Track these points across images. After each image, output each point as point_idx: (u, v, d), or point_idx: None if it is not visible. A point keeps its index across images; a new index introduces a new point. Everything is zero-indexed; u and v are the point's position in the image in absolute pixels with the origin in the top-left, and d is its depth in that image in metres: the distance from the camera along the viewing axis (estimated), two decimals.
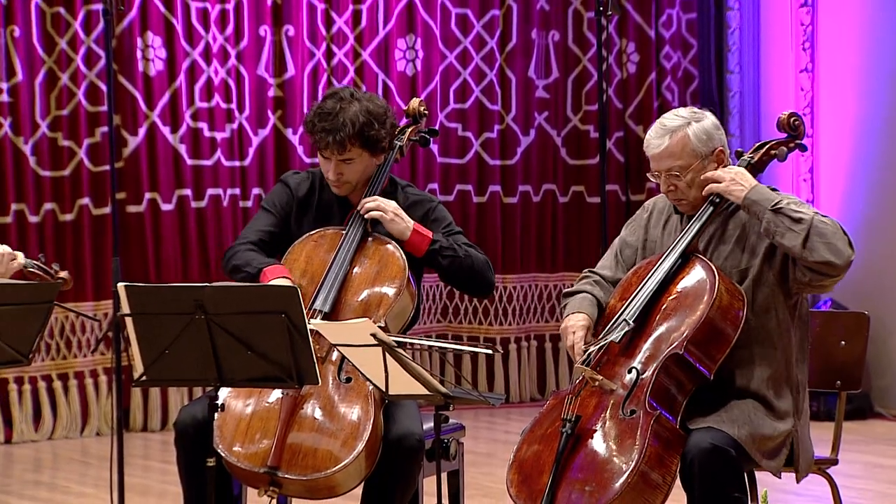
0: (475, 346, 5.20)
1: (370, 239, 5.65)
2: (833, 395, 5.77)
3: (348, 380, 5.42)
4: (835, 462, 5.53)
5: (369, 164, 5.69)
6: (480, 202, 9.83)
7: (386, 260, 5.63)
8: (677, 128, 5.21)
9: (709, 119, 5.27)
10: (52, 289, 5.48)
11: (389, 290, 5.58)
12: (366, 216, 5.62)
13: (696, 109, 5.31)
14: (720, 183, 5.14)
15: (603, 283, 5.42)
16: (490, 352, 5.27)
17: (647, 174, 5.31)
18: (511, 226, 9.91)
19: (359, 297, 5.58)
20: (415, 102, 5.95)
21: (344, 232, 5.66)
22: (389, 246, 5.63)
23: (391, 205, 5.63)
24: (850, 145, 9.65)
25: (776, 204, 5.04)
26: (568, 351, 5.27)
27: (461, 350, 5.51)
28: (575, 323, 5.27)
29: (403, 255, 5.60)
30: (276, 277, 5.56)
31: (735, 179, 5.12)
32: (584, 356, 5.14)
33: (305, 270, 5.64)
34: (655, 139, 5.22)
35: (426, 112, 5.94)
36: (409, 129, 5.86)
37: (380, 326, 5.05)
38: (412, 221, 5.63)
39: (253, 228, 5.83)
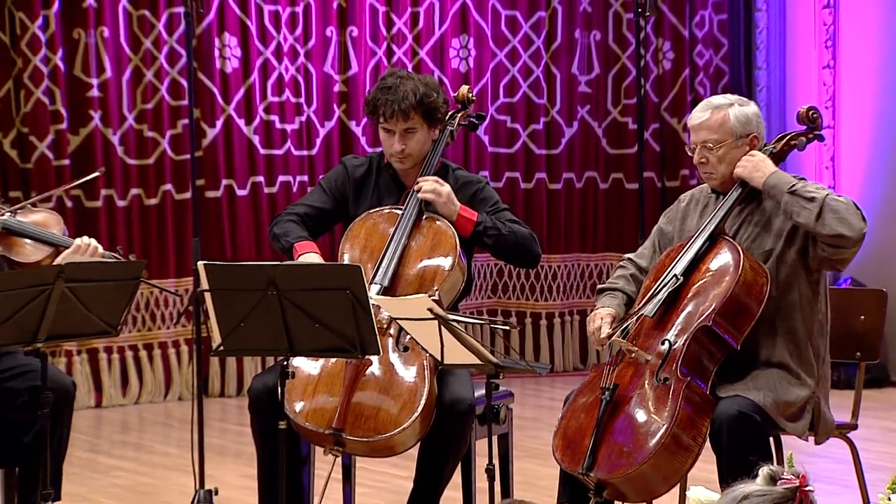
0: (495, 322, 5.17)
1: (425, 217, 5.61)
2: (853, 366, 5.78)
3: (405, 349, 5.40)
4: (854, 427, 5.52)
5: (427, 139, 5.65)
6: (527, 188, 9.80)
7: (440, 236, 5.59)
8: (720, 106, 5.24)
9: (752, 107, 5.30)
10: (139, 267, 5.50)
11: (443, 264, 5.55)
12: (420, 197, 5.61)
13: (744, 98, 5.34)
14: (744, 170, 5.15)
15: (637, 275, 5.41)
16: (507, 328, 5.24)
17: (686, 147, 5.31)
18: (556, 210, 9.88)
19: (415, 271, 5.55)
20: (463, 89, 5.90)
21: (400, 211, 5.63)
22: (442, 224, 5.58)
23: (445, 188, 5.61)
24: (868, 136, 9.58)
25: (792, 187, 5.06)
26: (590, 336, 5.30)
27: (480, 321, 5.48)
28: (600, 311, 5.29)
29: (455, 233, 5.57)
30: (306, 252, 5.57)
31: (757, 166, 5.14)
32: (622, 330, 5.14)
33: (365, 246, 5.62)
34: (698, 112, 5.26)
35: (474, 98, 5.89)
36: (459, 115, 5.81)
37: (433, 299, 5.04)
38: (458, 205, 5.60)
39: (304, 202, 5.84)
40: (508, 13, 9.65)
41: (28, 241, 5.54)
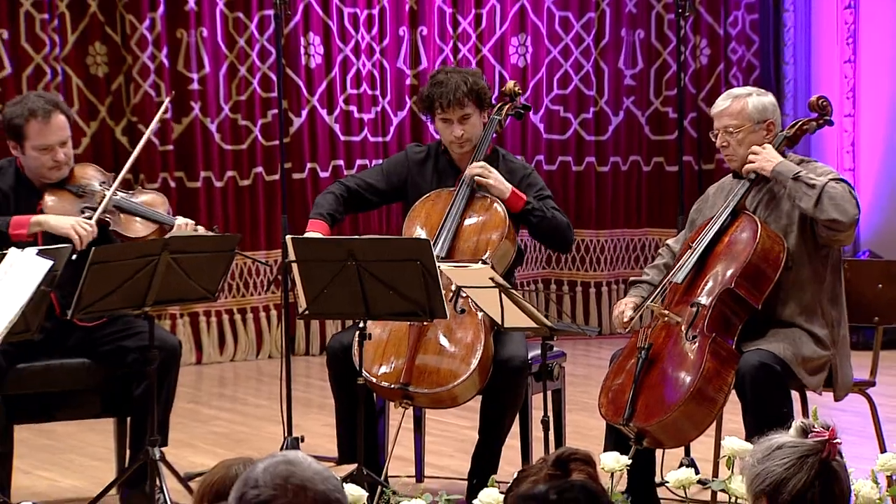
0: (528, 291, 5.21)
1: (477, 196, 5.63)
2: (871, 329, 5.80)
3: (462, 311, 5.44)
4: (872, 384, 5.54)
5: (480, 123, 5.65)
6: (578, 171, 9.76)
7: (490, 213, 5.60)
8: (740, 95, 5.27)
9: (769, 97, 5.32)
10: (234, 240, 5.54)
11: (493, 237, 5.57)
12: (474, 178, 5.60)
13: (763, 90, 5.37)
14: (755, 162, 5.17)
15: (670, 263, 5.40)
16: (536, 289, 5.33)
17: (710, 133, 5.32)
18: (603, 190, 9.83)
19: (468, 244, 5.58)
20: (510, 83, 5.93)
21: (455, 192, 5.64)
22: (493, 201, 5.60)
23: (494, 172, 5.60)
24: (885, 123, 9.49)
25: (796, 174, 5.08)
26: (614, 320, 5.39)
27: (519, 291, 5.50)
28: (624, 300, 5.37)
29: (505, 209, 5.57)
30: (311, 231, 5.58)
31: (765, 158, 5.15)
32: (655, 296, 5.18)
33: (425, 223, 5.65)
34: (721, 101, 5.30)
35: (520, 91, 5.90)
36: (507, 106, 5.82)
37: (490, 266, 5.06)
38: (510, 186, 5.60)
39: (359, 176, 5.90)
40: (562, 14, 9.61)
41: (138, 218, 5.58)
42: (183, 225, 5.54)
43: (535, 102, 9.44)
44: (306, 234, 5.52)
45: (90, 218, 5.42)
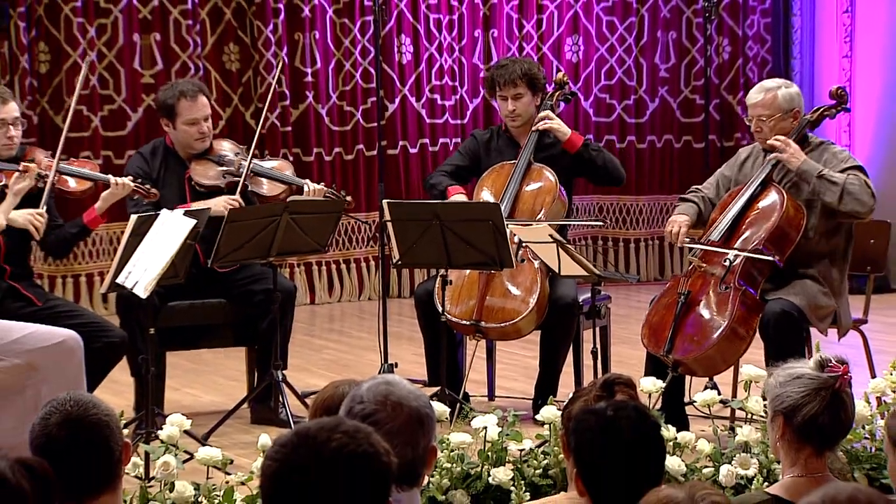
0: (579, 250, 5.19)
1: (533, 167, 5.61)
2: (864, 277, 5.74)
3: (522, 260, 5.44)
4: (865, 322, 5.51)
5: (531, 103, 5.64)
6: (621, 147, 9.66)
7: (543, 179, 5.59)
8: (771, 88, 5.15)
9: (794, 88, 5.22)
10: (340, 204, 5.54)
11: (547, 199, 5.56)
12: (541, 125, 5.57)
13: (789, 81, 5.25)
14: (784, 154, 5.04)
15: (706, 199, 5.31)
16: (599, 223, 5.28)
17: (745, 118, 5.23)
18: (641, 163, 9.72)
19: (526, 205, 5.58)
20: (560, 74, 5.96)
21: (515, 163, 5.63)
22: (546, 170, 5.59)
23: (556, 118, 5.60)
24: (875, 109, 9.34)
25: (820, 172, 4.96)
26: (666, 235, 5.24)
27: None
28: (677, 218, 5.23)
29: (555, 176, 5.55)
30: (456, 194, 5.59)
31: (793, 154, 5.01)
32: (694, 250, 5.09)
33: (491, 189, 5.65)
34: (755, 93, 5.17)
35: (568, 81, 5.92)
36: (557, 93, 5.80)
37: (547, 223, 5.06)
38: (569, 129, 5.62)
39: (448, 162, 5.90)
40: (608, 18, 9.50)
41: (269, 180, 5.61)
42: (312, 191, 5.54)
43: (585, 91, 9.35)
44: (453, 199, 5.52)
45: (233, 185, 5.43)
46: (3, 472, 1.78)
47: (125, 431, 3.06)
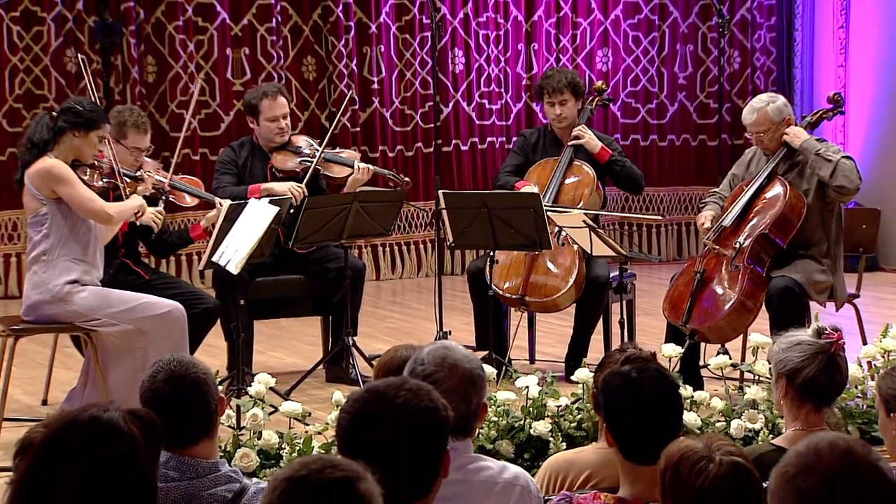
0: (605, 234, 5.12)
1: (574, 162, 5.58)
2: (856, 257, 5.72)
3: (562, 244, 5.41)
4: (857, 296, 5.46)
5: (575, 107, 5.62)
6: (645, 145, 9.60)
7: (583, 174, 5.57)
8: (760, 108, 5.10)
9: (780, 100, 5.17)
10: (402, 193, 5.54)
11: (585, 192, 5.53)
12: (575, 142, 5.54)
13: (773, 94, 5.24)
14: (788, 135, 5.04)
15: (724, 199, 5.29)
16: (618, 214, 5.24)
17: (746, 134, 5.19)
18: (662, 159, 9.65)
19: (568, 196, 5.55)
20: (599, 83, 5.97)
21: (559, 159, 5.59)
22: (586, 166, 5.55)
23: (589, 133, 5.58)
24: (867, 112, 9.22)
25: (817, 150, 4.96)
26: (699, 227, 5.23)
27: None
28: (706, 213, 5.22)
29: (594, 171, 5.52)
30: (525, 186, 5.56)
31: (797, 134, 5.03)
32: (710, 234, 5.06)
33: (537, 182, 5.63)
34: (748, 114, 5.13)
35: (605, 88, 5.94)
36: (596, 98, 5.77)
37: (584, 212, 5.02)
38: (601, 144, 5.56)
39: (508, 163, 5.89)
40: (634, 34, 9.42)
41: (338, 165, 5.63)
42: (363, 169, 5.54)
43: (614, 96, 9.29)
44: (525, 188, 5.49)
45: (307, 170, 5.46)
46: (116, 421, 1.81)
47: (220, 388, 3.08)
